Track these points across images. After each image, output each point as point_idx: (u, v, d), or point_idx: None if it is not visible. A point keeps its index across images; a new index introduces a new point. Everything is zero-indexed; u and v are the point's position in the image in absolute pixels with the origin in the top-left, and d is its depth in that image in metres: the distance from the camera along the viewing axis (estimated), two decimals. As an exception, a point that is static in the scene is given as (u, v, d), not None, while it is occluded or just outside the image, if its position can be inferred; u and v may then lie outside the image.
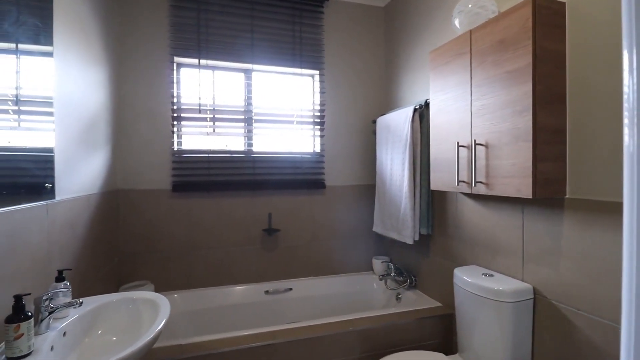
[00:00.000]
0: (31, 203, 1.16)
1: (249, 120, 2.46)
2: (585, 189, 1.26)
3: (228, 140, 2.46)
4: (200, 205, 2.35)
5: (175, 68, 2.34)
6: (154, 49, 2.26)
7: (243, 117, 2.46)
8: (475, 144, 1.49)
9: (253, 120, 2.47)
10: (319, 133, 2.63)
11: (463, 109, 1.58)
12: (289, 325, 1.83)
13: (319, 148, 2.64)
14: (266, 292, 2.41)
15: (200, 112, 2.36)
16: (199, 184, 2.34)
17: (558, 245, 1.36)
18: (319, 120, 2.62)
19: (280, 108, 2.56)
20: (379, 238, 2.77)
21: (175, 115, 2.31)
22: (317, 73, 2.63)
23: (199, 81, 2.37)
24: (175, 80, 2.33)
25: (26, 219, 1.13)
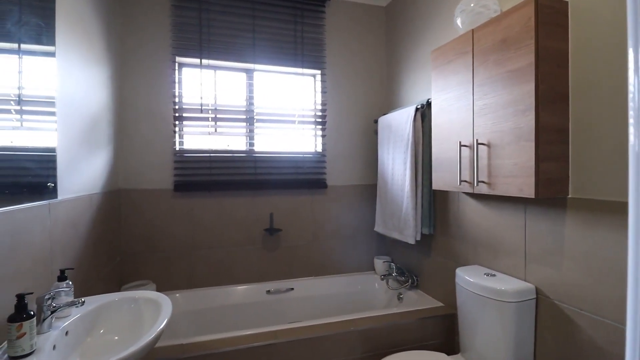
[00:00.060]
0: (33, 202, 1.16)
1: (250, 120, 2.46)
2: (588, 189, 1.25)
3: (230, 140, 2.46)
4: (201, 205, 2.35)
5: (176, 68, 2.34)
6: (155, 48, 2.26)
7: (245, 117, 2.46)
8: (477, 144, 1.49)
9: (255, 120, 2.47)
10: (320, 133, 2.63)
11: (465, 109, 1.57)
12: (290, 325, 1.83)
13: (320, 148, 2.64)
14: (267, 292, 2.41)
15: (202, 112, 2.37)
16: (200, 183, 2.34)
17: (560, 245, 1.36)
18: (320, 120, 2.62)
19: (282, 108, 2.56)
20: (381, 238, 2.76)
21: (177, 115, 2.31)
22: (319, 73, 2.62)
23: (200, 81, 2.37)
24: (177, 80, 2.33)
25: (28, 218, 1.13)
